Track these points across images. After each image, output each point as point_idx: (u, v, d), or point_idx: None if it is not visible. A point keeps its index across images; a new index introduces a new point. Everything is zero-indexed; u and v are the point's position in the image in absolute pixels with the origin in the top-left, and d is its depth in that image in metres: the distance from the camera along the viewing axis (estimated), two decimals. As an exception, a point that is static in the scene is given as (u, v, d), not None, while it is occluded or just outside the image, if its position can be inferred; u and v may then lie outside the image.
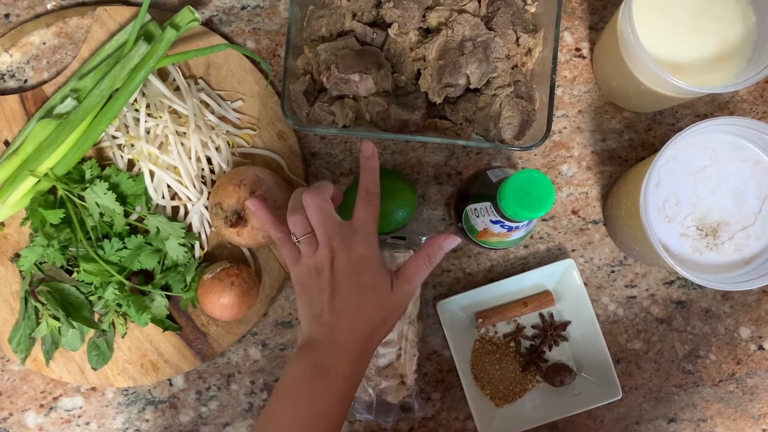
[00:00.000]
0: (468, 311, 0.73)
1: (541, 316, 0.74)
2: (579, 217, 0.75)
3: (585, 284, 0.73)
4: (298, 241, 0.58)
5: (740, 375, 0.74)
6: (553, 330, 0.73)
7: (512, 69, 0.69)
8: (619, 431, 0.74)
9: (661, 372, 0.74)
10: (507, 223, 0.59)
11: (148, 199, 0.71)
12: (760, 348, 0.74)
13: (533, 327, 0.74)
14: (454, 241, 0.58)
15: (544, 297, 0.73)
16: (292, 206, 0.59)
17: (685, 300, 0.74)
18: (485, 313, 0.73)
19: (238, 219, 0.66)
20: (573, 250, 0.75)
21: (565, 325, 0.73)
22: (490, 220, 0.60)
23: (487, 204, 0.60)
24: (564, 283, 0.72)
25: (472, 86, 0.68)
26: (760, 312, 0.74)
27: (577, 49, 0.75)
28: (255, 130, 0.73)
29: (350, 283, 0.55)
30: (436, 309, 0.71)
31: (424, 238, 0.72)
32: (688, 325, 0.74)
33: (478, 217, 0.62)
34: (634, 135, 0.75)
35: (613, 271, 0.74)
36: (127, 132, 0.71)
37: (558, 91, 0.75)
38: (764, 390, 0.74)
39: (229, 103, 0.74)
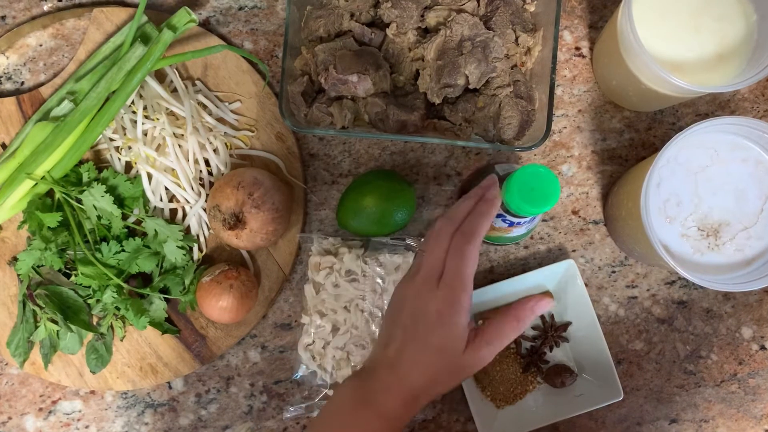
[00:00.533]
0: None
1: (542, 317, 0.73)
2: (579, 217, 0.74)
3: (586, 285, 0.72)
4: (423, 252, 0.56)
5: (742, 375, 0.74)
6: (553, 331, 0.72)
7: (511, 69, 0.69)
8: (620, 432, 0.73)
9: (663, 372, 0.74)
10: (509, 217, 0.59)
11: (146, 201, 0.71)
12: (762, 348, 0.74)
13: (534, 328, 0.74)
14: (548, 303, 0.56)
15: (545, 298, 0.72)
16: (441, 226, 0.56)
17: (686, 300, 0.74)
18: (486, 315, 0.72)
19: (237, 221, 0.65)
20: (573, 251, 0.74)
21: (565, 326, 0.73)
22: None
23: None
24: (564, 283, 0.72)
25: (471, 86, 0.67)
26: (762, 312, 0.74)
27: (577, 48, 0.75)
28: (253, 132, 0.73)
29: (419, 336, 0.53)
30: None
31: (422, 239, 0.71)
32: (689, 326, 0.74)
33: None
34: (634, 134, 0.74)
35: (614, 272, 0.74)
36: (125, 134, 0.71)
37: (558, 91, 0.75)
38: (766, 390, 0.74)
39: (226, 104, 0.73)
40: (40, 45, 0.75)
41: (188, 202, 0.71)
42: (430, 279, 0.54)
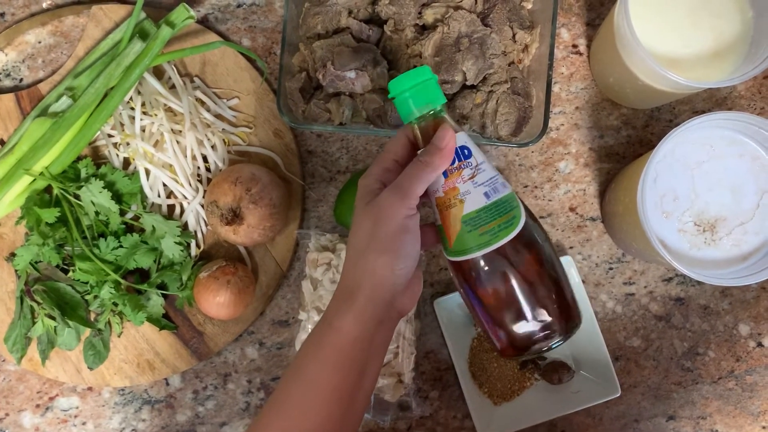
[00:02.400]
0: (466, 309, 0.73)
1: None
2: (577, 214, 0.75)
3: (583, 281, 0.72)
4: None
5: (739, 372, 0.74)
6: None
7: (509, 65, 0.69)
8: (618, 429, 0.73)
9: (660, 369, 0.74)
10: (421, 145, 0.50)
11: (144, 197, 0.71)
12: (760, 345, 0.74)
13: None
14: (446, 133, 0.48)
15: None
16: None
17: (683, 297, 0.74)
18: None
19: (234, 217, 0.65)
20: (571, 248, 0.74)
21: None
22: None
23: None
24: None
25: (468, 83, 0.68)
26: (759, 309, 0.74)
27: (574, 46, 0.75)
28: (251, 128, 0.73)
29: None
30: (434, 307, 0.71)
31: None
32: (686, 323, 0.74)
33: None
34: (631, 131, 0.75)
35: (611, 269, 0.74)
36: (123, 130, 0.71)
37: (555, 88, 0.75)
38: (764, 387, 0.74)
39: (224, 101, 0.73)
40: (39, 42, 0.75)
41: (186, 198, 0.71)
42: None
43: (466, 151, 0.49)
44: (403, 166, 0.50)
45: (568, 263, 0.71)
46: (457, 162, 0.48)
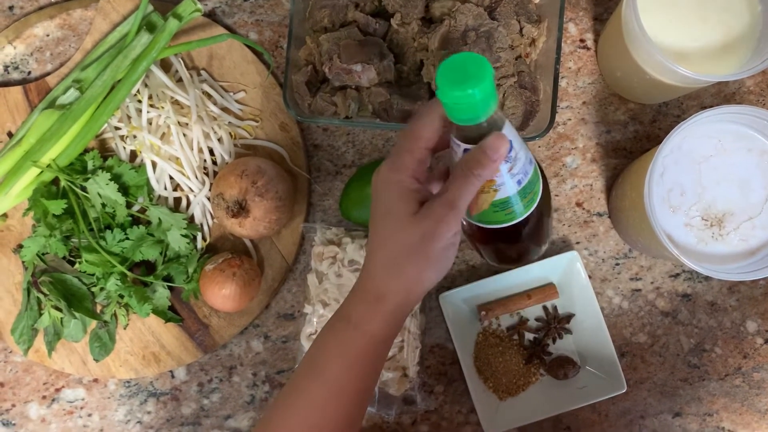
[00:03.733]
0: (471, 304, 0.73)
1: (545, 308, 0.73)
2: (583, 209, 0.74)
3: (590, 277, 0.72)
4: None
5: (746, 369, 0.73)
6: (556, 323, 0.72)
7: (516, 59, 0.69)
8: (623, 425, 0.73)
9: (667, 366, 0.73)
10: (465, 146, 0.46)
11: (150, 190, 0.71)
12: (767, 342, 0.73)
13: (537, 320, 0.73)
14: (502, 141, 0.43)
15: (548, 290, 0.72)
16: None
17: (690, 293, 0.73)
18: (488, 306, 0.72)
19: (240, 209, 0.66)
20: (577, 243, 0.74)
21: (569, 317, 0.72)
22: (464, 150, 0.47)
23: (452, 137, 0.47)
24: (568, 275, 0.72)
25: (475, 76, 0.67)
26: (767, 305, 0.73)
27: (582, 41, 0.75)
28: (257, 122, 0.73)
29: (371, 227, 0.49)
30: (439, 301, 0.71)
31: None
32: (693, 319, 0.73)
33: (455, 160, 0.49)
34: (639, 127, 0.74)
35: (617, 264, 0.74)
36: (129, 123, 0.71)
37: (562, 83, 0.74)
38: (771, 384, 0.73)
39: (231, 94, 0.73)
40: (47, 35, 0.76)
41: (192, 190, 0.71)
42: None
43: (509, 144, 0.45)
44: (434, 153, 0.47)
45: (574, 258, 0.70)
46: None
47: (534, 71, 0.70)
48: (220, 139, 0.72)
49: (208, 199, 0.71)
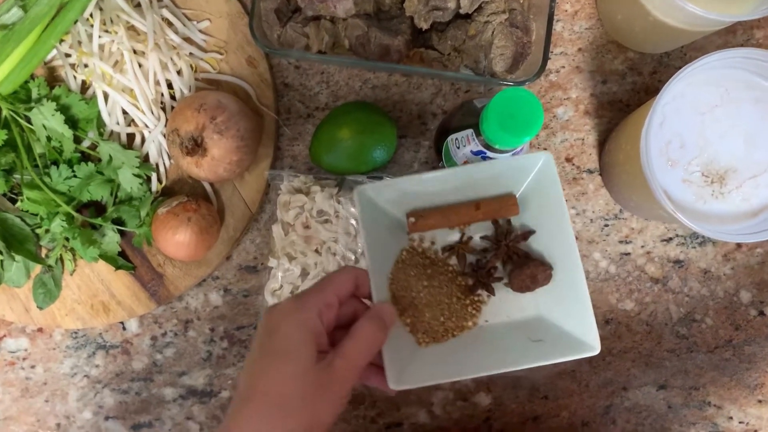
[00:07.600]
0: (398, 207, 0.52)
1: (495, 221, 0.53)
2: (573, 165, 0.69)
3: (576, 238, 0.67)
4: None
5: (738, 342, 0.69)
6: (509, 239, 0.52)
7: (508, -5, 0.63)
8: (604, 396, 0.69)
9: (653, 335, 0.69)
10: (489, 153, 0.53)
11: (102, 124, 0.65)
12: (761, 314, 0.69)
13: (482, 238, 0.53)
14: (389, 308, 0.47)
15: (505, 201, 0.52)
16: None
17: (683, 259, 0.69)
18: (421, 213, 0.52)
19: (195, 146, 0.59)
20: (565, 201, 0.68)
21: (527, 234, 0.52)
22: (471, 151, 0.54)
23: (469, 132, 0.53)
24: (536, 183, 0.52)
25: (462, 11, 0.61)
26: (763, 275, 0.68)
27: (581, -19, 0.69)
28: (222, 54, 0.67)
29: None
30: (354, 195, 0.51)
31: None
32: (684, 287, 0.69)
33: (458, 148, 0.56)
34: (637, 78, 0.69)
35: (606, 225, 0.69)
36: (80, 48, 0.64)
37: (557, 26, 0.68)
38: (762, 359, 0.69)
39: (195, 23, 0.67)
40: (-7, -51, 0.68)
41: (147, 126, 0.65)
42: None
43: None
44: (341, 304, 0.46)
45: (547, 162, 0.51)
46: None
47: (527, 10, 0.64)
48: (179, 72, 0.65)
49: (164, 136, 0.65)
